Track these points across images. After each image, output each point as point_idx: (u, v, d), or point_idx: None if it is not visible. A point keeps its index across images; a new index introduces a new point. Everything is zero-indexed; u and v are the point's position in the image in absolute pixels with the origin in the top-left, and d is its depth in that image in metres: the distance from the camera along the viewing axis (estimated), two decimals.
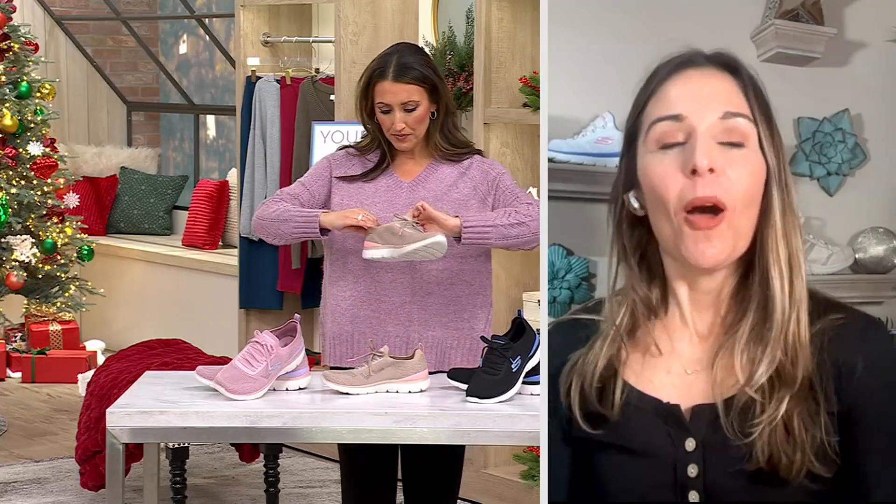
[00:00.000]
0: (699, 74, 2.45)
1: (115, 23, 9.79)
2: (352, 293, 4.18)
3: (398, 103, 4.08)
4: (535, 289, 5.82)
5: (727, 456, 2.41)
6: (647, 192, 2.46)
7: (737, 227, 2.42)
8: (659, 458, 2.45)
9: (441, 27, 6.70)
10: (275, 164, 6.99)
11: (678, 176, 2.41)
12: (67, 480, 6.23)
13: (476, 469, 5.90)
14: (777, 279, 2.42)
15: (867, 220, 2.64)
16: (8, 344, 8.49)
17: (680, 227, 2.42)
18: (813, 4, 2.66)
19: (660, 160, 2.44)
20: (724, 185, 2.39)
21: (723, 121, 2.41)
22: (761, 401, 2.38)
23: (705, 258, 2.42)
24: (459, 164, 4.19)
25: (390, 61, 4.12)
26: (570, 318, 2.55)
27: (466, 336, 4.20)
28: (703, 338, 2.48)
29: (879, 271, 2.96)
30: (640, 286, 2.48)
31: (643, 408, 2.46)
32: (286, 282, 7.05)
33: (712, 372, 2.43)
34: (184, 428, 3.89)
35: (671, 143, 2.43)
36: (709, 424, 2.43)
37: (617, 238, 2.51)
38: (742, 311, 2.44)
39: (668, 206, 2.42)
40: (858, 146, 2.65)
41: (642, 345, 2.48)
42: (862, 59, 2.53)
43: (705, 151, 2.39)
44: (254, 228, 4.25)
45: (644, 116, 2.47)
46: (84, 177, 9.27)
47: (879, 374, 2.42)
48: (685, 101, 2.43)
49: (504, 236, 4.07)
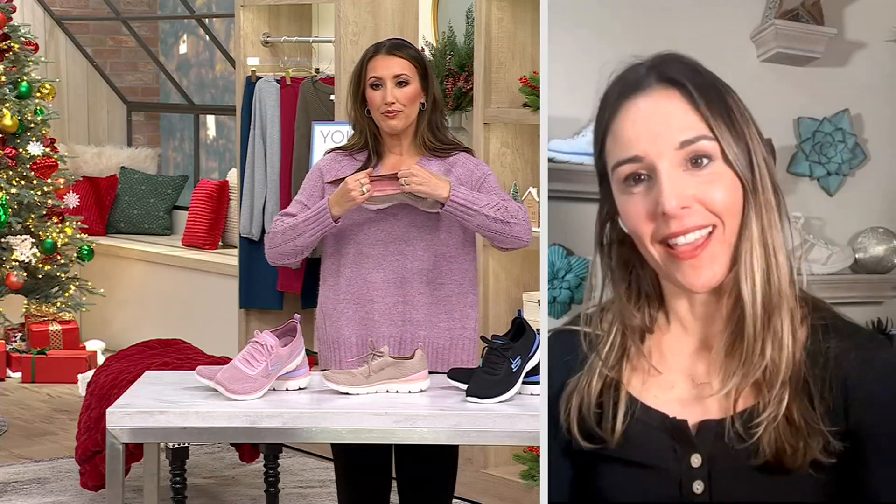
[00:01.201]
0: (646, 101, 2.41)
1: (115, 23, 9.79)
2: (345, 295, 4.19)
3: (391, 76, 4.12)
4: (535, 289, 5.82)
5: (733, 471, 2.39)
6: (628, 226, 2.45)
7: (728, 240, 2.39)
8: (664, 473, 2.43)
9: (441, 27, 6.70)
10: (275, 164, 6.99)
11: (650, 217, 2.40)
12: (67, 480, 6.23)
13: (476, 469, 5.90)
14: (748, 290, 2.39)
15: (867, 220, 2.64)
16: (8, 344, 8.49)
17: (666, 257, 2.41)
18: (813, 4, 2.66)
19: (630, 199, 2.42)
20: (700, 212, 2.37)
21: (681, 150, 2.38)
22: (763, 402, 2.36)
23: (698, 285, 2.41)
24: (446, 159, 4.20)
25: (384, 43, 4.24)
26: (568, 330, 2.52)
27: (458, 336, 4.20)
28: (709, 349, 2.46)
29: (879, 271, 2.96)
30: (631, 313, 2.45)
31: (648, 422, 2.44)
32: (286, 282, 7.05)
33: (715, 385, 2.42)
34: (184, 428, 3.89)
35: (637, 178, 2.41)
36: (716, 438, 2.41)
37: (604, 261, 2.49)
38: (727, 320, 2.43)
39: (645, 241, 2.42)
40: (858, 146, 2.65)
41: (640, 367, 2.47)
42: (862, 59, 2.53)
43: (672, 191, 2.37)
44: (272, 260, 4.25)
45: (606, 155, 2.45)
46: (84, 177, 9.27)
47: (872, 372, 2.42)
48: (639, 138, 2.40)
49: (484, 226, 4.07)
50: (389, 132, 4.16)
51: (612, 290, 2.47)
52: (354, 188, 4.05)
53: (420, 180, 4.01)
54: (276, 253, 4.20)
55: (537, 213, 5.77)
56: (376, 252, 4.16)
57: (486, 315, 5.90)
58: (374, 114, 4.16)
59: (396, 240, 4.16)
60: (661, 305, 2.47)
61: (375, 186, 4.06)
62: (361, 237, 4.17)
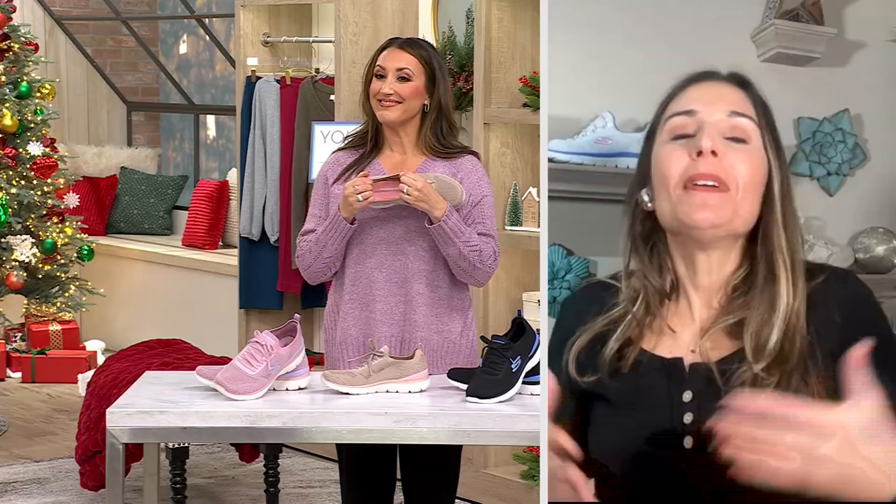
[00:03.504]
0: (716, 85, 2.55)
1: (115, 23, 9.79)
2: (350, 296, 4.20)
3: (394, 68, 4.16)
4: (535, 289, 5.82)
5: (718, 403, 2.49)
6: (655, 177, 2.53)
7: (736, 206, 2.48)
8: (658, 407, 2.54)
9: (441, 27, 6.70)
10: (275, 164, 6.99)
11: (684, 157, 2.50)
12: (67, 480, 6.23)
13: (476, 469, 5.90)
14: (782, 269, 2.49)
15: (867, 220, 2.64)
16: (8, 344, 8.49)
17: (679, 197, 2.49)
18: (813, 4, 2.66)
19: (671, 148, 2.52)
20: (725, 167, 2.47)
21: (729, 118, 2.49)
22: (762, 375, 2.47)
23: (701, 219, 2.48)
24: (453, 161, 4.21)
25: (400, 38, 4.30)
26: (598, 281, 2.64)
27: (457, 337, 4.20)
28: (703, 321, 2.54)
29: (879, 271, 2.97)
30: (652, 275, 2.58)
31: (650, 364, 2.55)
32: (286, 282, 7.05)
33: (703, 340, 2.53)
34: (184, 428, 3.89)
35: (682, 134, 2.51)
36: (705, 379, 2.50)
37: (629, 232, 2.59)
38: (746, 297, 2.52)
39: (669, 183, 2.50)
40: (858, 146, 2.65)
41: (656, 328, 2.57)
42: (862, 59, 2.53)
43: (710, 137, 2.48)
44: (312, 281, 4.27)
45: (664, 114, 2.57)
46: (84, 177, 9.27)
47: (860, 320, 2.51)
48: (699, 101, 2.53)
49: (454, 256, 4.12)
50: (381, 121, 4.18)
51: (636, 263, 2.58)
52: (351, 194, 4.06)
53: (420, 196, 4.03)
54: (311, 273, 4.22)
55: (537, 213, 5.77)
56: (379, 251, 4.17)
57: (486, 315, 5.90)
58: (372, 102, 4.19)
59: (399, 240, 4.16)
60: (674, 278, 2.59)
61: (378, 188, 4.07)
62: (364, 236, 4.18)
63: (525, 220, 5.84)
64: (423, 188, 4.03)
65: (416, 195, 4.03)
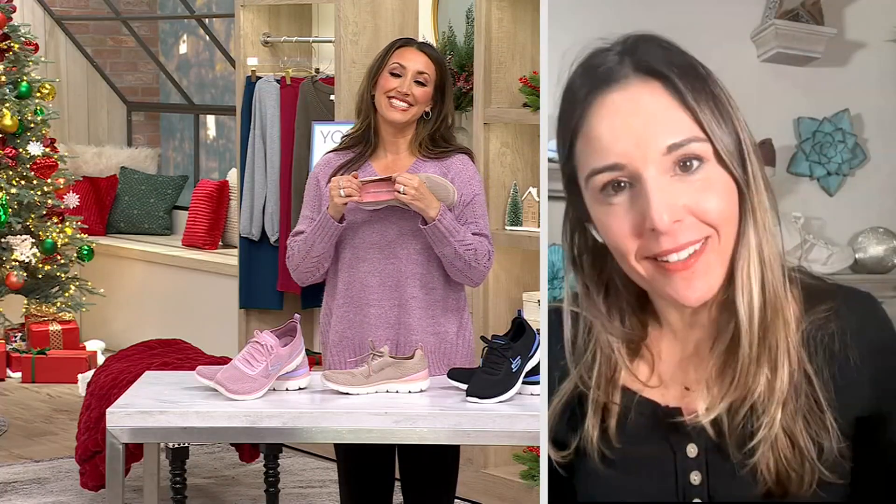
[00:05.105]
0: (622, 96, 2.14)
1: (115, 23, 9.79)
2: (343, 299, 4.19)
3: (414, 70, 4.14)
4: (535, 289, 5.82)
5: (732, 466, 2.25)
6: (605, 239, 2.20)
7: (723, 249, 2.22)
8: (660, 465, 2.29)
9: (441, 27, 6.70)
10: (275, 164, 6.99)
11: (636, 233, 2.14)
12: (67, 480, 6.23)
13: (476, 469, 5.90)
14: (744, 307, 2.20)
15: (867, 220, 2.64)
16: (8, 344, 8.49)
17: (655, 272, 2.19)
18: (813, 4, 2.66)
19: (609, 212, 2.16)
20: (694, 224, 2.16)
21: (669, 155, 2.13)
22: (756, 417, 2.22)
23: (692, 299, 2.20)
24: (444, 161, 4.20)
25: (414, 39, 4.29)
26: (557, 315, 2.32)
27: (454, 339, 4.20)
28: (702, 356, 2.32)
29: (879, 271, 2.96)
30: (614, 327, 2.18)
31: (643, 412, 2.29)
32: (286, 282, 7.05)
33: (709, 386, 2.26)
34: (184, 428, 3.89)
35: (617, 190, 2.14)
36: (713, 429, 2.27)
37: (578, 274, 2.22)
38: (719, 330, 2.25)
39: (631, 259, 2.18)
40: (858, 146, 2.65)
41: (632, 369, 2.25)
42: (862, 59, 2.53)
43: (662, 204, 2.12)
44: (301, 281, 4.27)
45: (576, 160, 2.16)
46: (84, 177, 9.27)
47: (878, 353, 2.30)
48: (618, 142, 2.13)
49: (449, 256, 4.10)
50: (387, 120, 4.14)
51: (588, 305, 2.21)
52: (333, 188, 4.05)
53: (416, 195, 4.01)
54: (300, 273, 4.21)
55: (537, 213, 5.77)
56: (371, 255, 4.16)
57: (486, 315, 5.90)
58: (379, 98, 4.14)
59: (391, 243, 4.15)
60: (649, 314, 2.26)
61: (369, 189, 4.05)
62: (357, 241, 4.17)
63: (525, 220, 5.84)
64: (419, 187, 4.03)
65: (412, 194, 4.01)
